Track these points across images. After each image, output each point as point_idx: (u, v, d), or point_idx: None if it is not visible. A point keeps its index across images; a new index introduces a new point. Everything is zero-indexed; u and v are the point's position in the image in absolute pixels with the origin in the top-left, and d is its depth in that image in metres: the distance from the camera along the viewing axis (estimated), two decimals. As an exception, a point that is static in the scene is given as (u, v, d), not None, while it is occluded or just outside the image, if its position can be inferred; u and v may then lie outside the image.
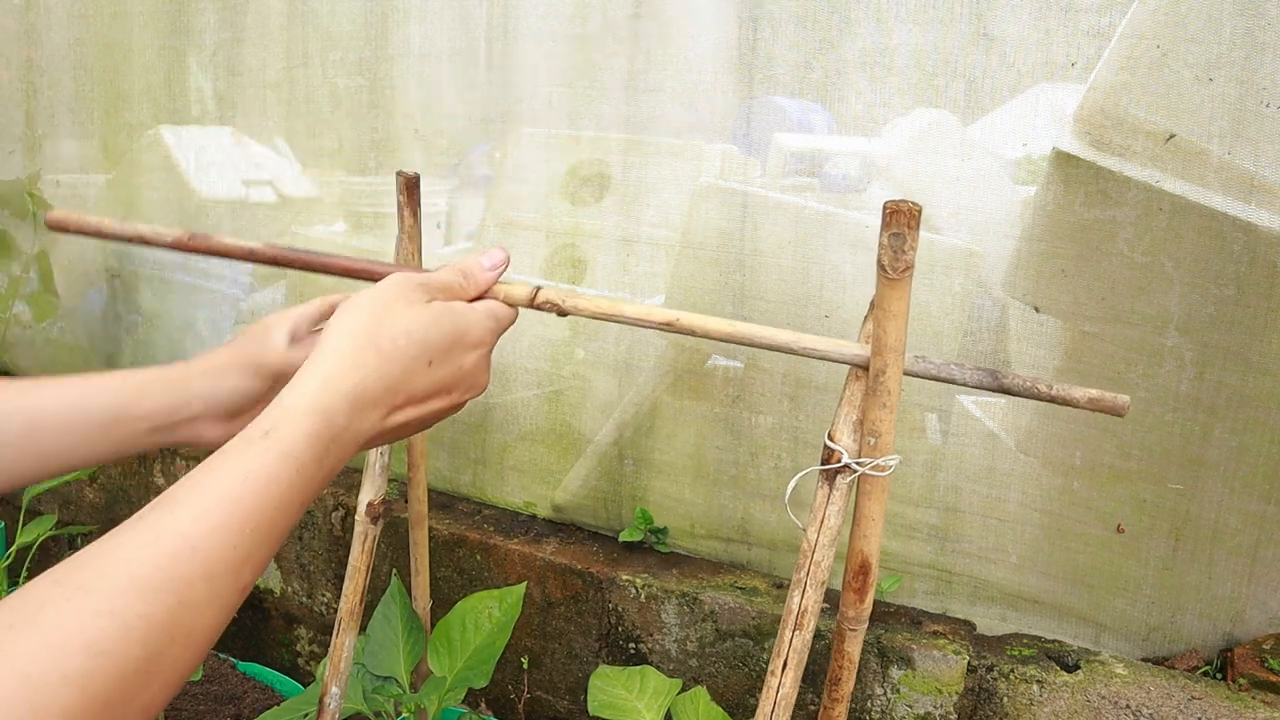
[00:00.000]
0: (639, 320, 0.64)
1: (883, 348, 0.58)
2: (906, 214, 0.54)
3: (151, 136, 1.48)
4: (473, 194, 1.23)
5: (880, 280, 0.56)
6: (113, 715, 0.38)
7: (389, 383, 0.53)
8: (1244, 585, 0.91)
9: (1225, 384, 0.87)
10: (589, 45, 1.09)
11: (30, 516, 1.48)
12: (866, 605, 0.65)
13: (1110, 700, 0.88)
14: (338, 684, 0.84)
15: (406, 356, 0.54)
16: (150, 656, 0.40)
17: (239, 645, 1.48)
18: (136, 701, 0.40)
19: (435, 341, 0.56)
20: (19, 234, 1.68)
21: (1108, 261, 0.88)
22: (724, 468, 1.12)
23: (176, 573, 0.42)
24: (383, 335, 0.54)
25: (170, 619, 0.41)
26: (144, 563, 0.42)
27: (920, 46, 0.92)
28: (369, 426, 0.53)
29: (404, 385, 0.54)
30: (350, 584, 0.84)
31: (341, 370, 0.52)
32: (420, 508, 0.91)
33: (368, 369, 0.52)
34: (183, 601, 0.42)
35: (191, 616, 0.42)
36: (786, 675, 0.65)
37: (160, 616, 0.41)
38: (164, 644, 0.41)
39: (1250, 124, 0.81)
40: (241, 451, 0.47)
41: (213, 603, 0.43)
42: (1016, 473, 0.97)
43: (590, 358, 1.18)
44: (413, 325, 0.55)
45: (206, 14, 1.37)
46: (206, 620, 0.43)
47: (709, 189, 1.05)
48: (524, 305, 0.66)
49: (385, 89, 1.24)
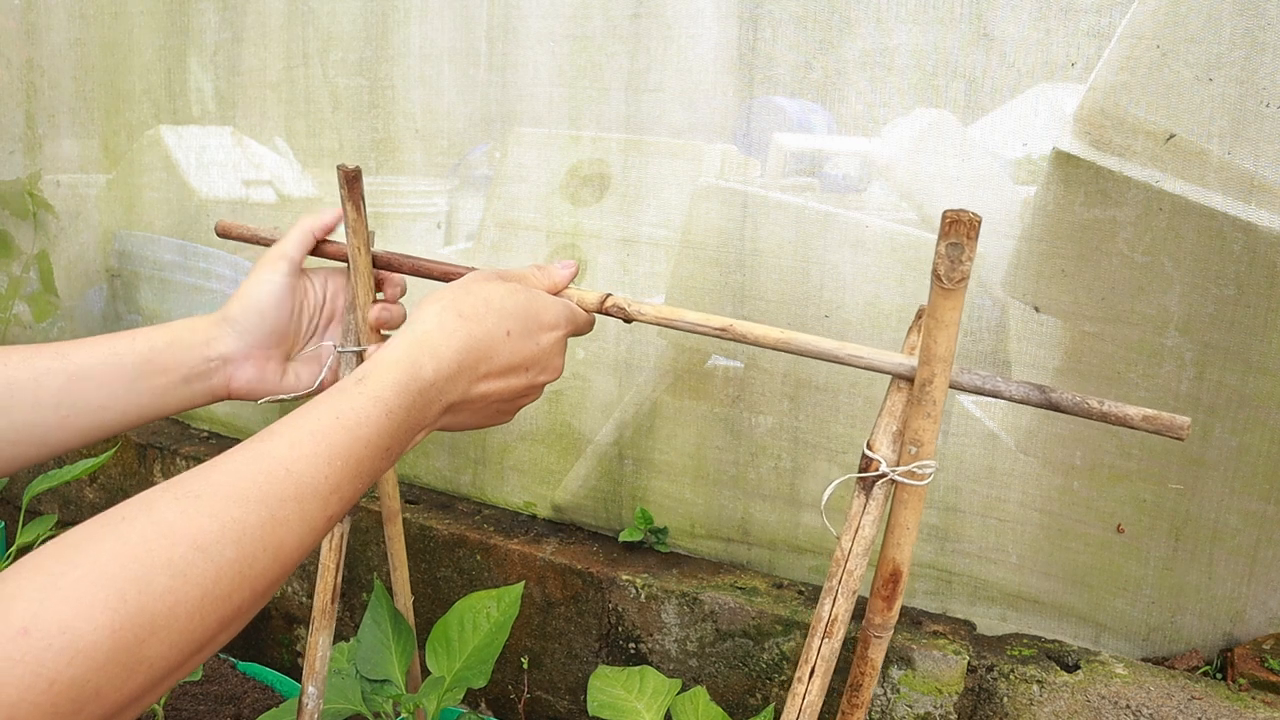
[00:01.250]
0: (697, 327, 0.67)
1: (931, 357, 0.57)
2: (966, 224, 0.53)
3: (151, 136, 1.48)
4: (473, 194, 1.23)
5: (934, 289, 0.55)
6: (208, 609, 0.42)
7: (470, 343, 0.59)
8: (1244, 585, 0.91)
9: (1225, 384, 0.87)
10: (590, 45, 1.09)
11: (30, 516, 1.49)
12: (893, 613, 0.65)
13: (1110, 700, 0.88)
14: (314, 684, 0.84)
15: (487, 321, 0.60)
16: (243, 559, 0.44)
17: (239, 645, 1.48)
18: (230, 601, 0.44)
19: (512, 310, 0.62)
20: (19, 234, 1.68)
21: (1108, 261, 0.88)
22: (724, 468, 1.12)
23: (271, 490, 0.47)
24: (464, 303, 0.60)
25: (263, 530, 0.46)
26: (243, 478, 0.46)
27: (920, 46, 0.92)
28: (456, 390, 0.58)
29: (485, 349, 0.60)
30: (320, 583, 0.84)
31: (426, 330, 0.58)
32: (391, 503, 0.90)
33: (450, 329, 0.58)
34: (274, 516, 0.46)
35: (282, 531, 0.47)
36: (814, 682, 0.64)
37: (254, 526, 0.45)
38: (256, 551, 0.45)
39: (1250, 124, 0.81)
40: (335, 395, 0.53)
41: (302, 523, 0.48)
42: (1016, 473, 0.97)
43: (590, 358, 1.18)
44: (491, 294, 0.61)
45: (207, 14, 1.37)
46: (295, 538, 0.47)
47: (709, 189, 1.05)
48: (594, 310, 0.72)
49: (386, 89, 1.24)
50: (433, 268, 0.80)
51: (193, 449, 1.48)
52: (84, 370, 0.66)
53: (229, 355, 0.74)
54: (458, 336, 0.58)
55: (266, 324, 0.75)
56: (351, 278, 0.80)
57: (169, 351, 0.70)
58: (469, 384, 0.59)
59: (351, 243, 0.78)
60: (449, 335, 0.58)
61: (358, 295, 0.80)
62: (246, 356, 0.75)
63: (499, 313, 0.61)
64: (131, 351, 0.68)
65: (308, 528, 0.48)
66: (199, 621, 0.42)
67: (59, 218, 1.63)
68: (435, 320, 0.59)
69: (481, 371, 0.60)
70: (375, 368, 0.55)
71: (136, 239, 1.55)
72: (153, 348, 0.69)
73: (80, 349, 0.67)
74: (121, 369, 0.67)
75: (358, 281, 0.79)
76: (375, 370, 0.54)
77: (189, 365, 0.71)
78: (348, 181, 0.76)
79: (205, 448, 1.49)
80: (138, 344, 0.69)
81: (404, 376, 0.54)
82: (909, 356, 0.62)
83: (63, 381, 0.65)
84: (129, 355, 0.68)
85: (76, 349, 0.67)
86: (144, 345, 0.69)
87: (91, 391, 0.66)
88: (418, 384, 0.55)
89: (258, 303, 0.75)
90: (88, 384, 0.66)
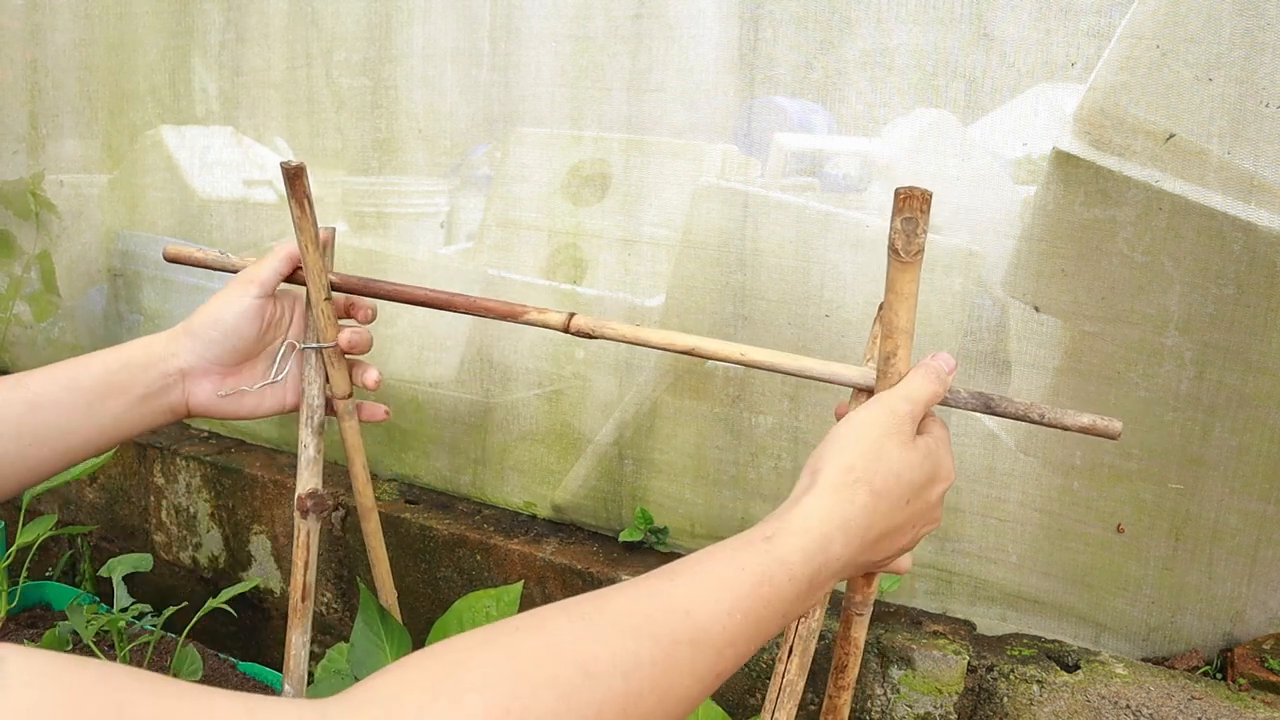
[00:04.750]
0: (665, 345, 0.69)
1: (894, 330, 0.59)
2: (919, 199, 0.55)
3: (153, 136, 1.48)
4: (474, 193, 1.24)
5: (892, 264, 0.57)
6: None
7: (873, 519, 0.55)
8: (1244, 585, 0.91)
9: (1225, 384, 0.87)
10: (592, 45, 1.09)
11: (30, 516, 1.49)
12: (873, 590, 0.67)
13: (1110, 700, 0.88)
14: (291, 682, 0.84)
15: (894, 496, 0.56)
16: (630, 694, 0.42)
17: (239, 645, 1.48)
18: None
19: (919, 483, 0.58)
20: (21, 233, 1.69)
21: (1108, 261, 0.88)
22: (724, 468, 1.12)
23: (668, 627, 0.44)
24: (876, 475, 0.55)
25: (654, 669, 0.43)
26: (640, 613, 0.44)
27: (920, 46, 0.92)
28: (851, 554, 0.55)
29: (887, 522, 0.57)
30: (292, 581, 0.84)
31: (838, 501, 0.54)
32: (365, 500, 0.90)
33: (859, 504, 0.54)
34: (668, 655, 0.44)
35: (673, 675, 0.44)
36: (793, 662, 0.65)
37: (646, 662, 0.43)
38: (643, 689, 0.42)
39: (1250, 124, 0.82)
40: (742, 548, 0.51)
41: (693, 669, 0.45)
42: (1016, 473, 0.97)
43: (590, 357, 1.18)
44: (903, 469, 0.57)
45: (211, 14, 1.38)
46: (685, 684, 0.44)
47: (710, 189, 1.06)
48: (558, 329, 0.73)
49: (389, 89, 1.25)
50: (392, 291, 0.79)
51: (193, 449, 1.48)
52: (42, 398, 0.65)
53: (187, 369, 0.73)
54: (863, 512, 0.55)
55: (229, 341, 0.74)
56: (305, 275, 0.79)
57: (125, 371, 0.69)
58: (866, 547, 0.56)
59: (300, 240, 0.78)
60: (856, 509, 0.54)
61: (311, 293, 0.79)
62: (205, 372, 0.74)
63: (909, 486, 0.57)
64: (89, 375, 0.67)
65: (698, 675, 0.45)
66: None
67: (61, 217, 1.63)
68: (847, 490, 0.55)
69: (875, 537, 0.57)
70: (785, 529, 0.52)
71: (139, 239, 1.55)
72: (108, 369, 0.69)
73: (38, 377, 0.66)
74: (80, 393, 0.67)
75: (309, 279, 0.79)
76: (785, 532, 0.52)
77: (145, 383, 0.70)
78: (290, 179, 0.76)
79: (205, 447, 1.49)
80: (94, 367, 0.68)
81: (812, 546, 0.52)
82: (866, 368, 0.63)
83: (21, 411, 0.64)
84: (86, 379, 0.67)
85: (35, 377, 0.66)
86: (100, 367, 0.68)
87: (51, 419, 0.65)
88: (824, 555, 0.53)
89: (221, 320, 0.74)
90: (47, 412, 0.65)
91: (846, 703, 0.69)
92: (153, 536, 1.55)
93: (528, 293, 1.19)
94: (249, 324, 0.75)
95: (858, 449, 0.56)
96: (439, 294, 0.77)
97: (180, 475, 1.48)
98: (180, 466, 1.48)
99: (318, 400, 0.82)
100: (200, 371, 0.74)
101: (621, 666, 0.42)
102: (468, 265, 1.25)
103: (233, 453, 1.48)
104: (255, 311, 0.75)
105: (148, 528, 1.55)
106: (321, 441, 0.83)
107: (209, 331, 0.74)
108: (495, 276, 1.22)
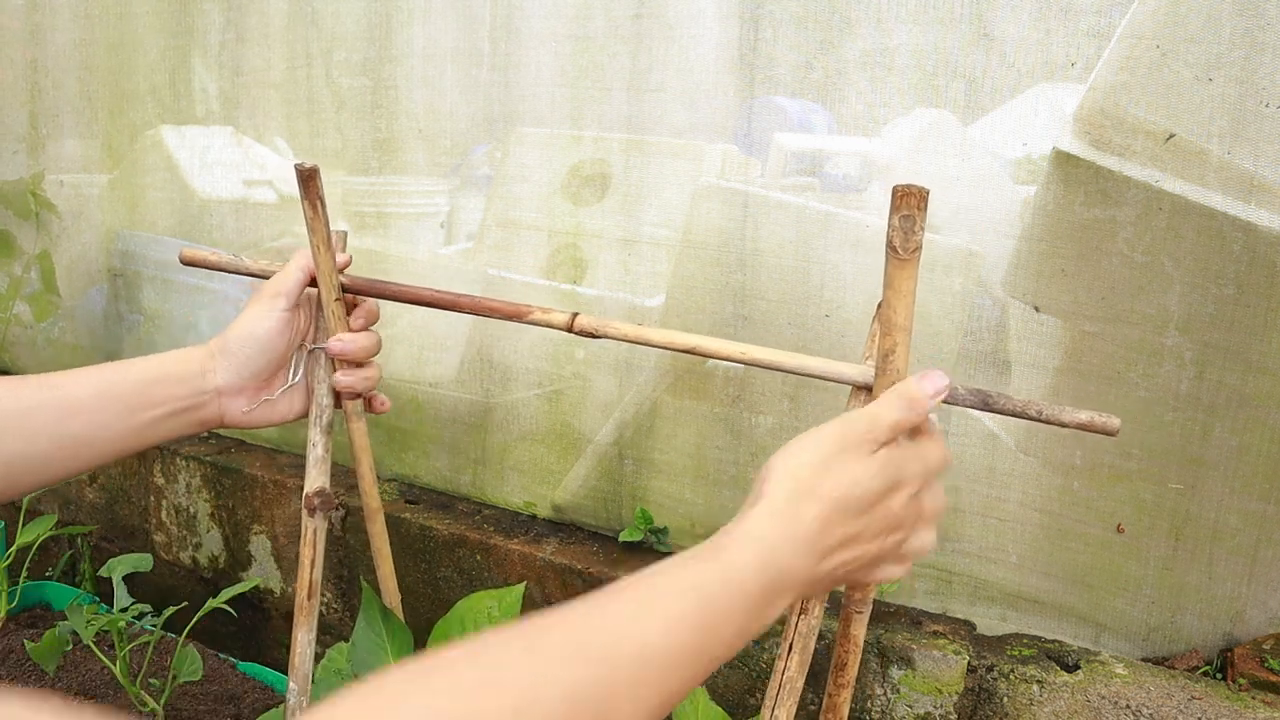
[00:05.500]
0: (667, 344, 0.69)
1: (892, 327, 0.59)
2: (916, 196, 0.56)
3: (153, 136, 1.48)
4: (474, 193, 1.24)
5: (890, 261, 0.57)
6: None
7: (825, 527, 0.54)
8: (1244, 585, 0.91)
9: (1225, 384, 0.87)
10: (592, 45, 1.09)
11: (30, 516, 1.49)
12: (872, 589, 0.67)
13: (1110, 700, 0.88)
14: (296, 680, 0.84)
15: (847, 504, 0.55)
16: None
17: (239, 645, 1.48)
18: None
19: (877, 490, 0.56)
20: (21, 233, 1.69)
21: (1108, 261, 0.89)
22: (724, 468, 1.12)
23: (613, 650, 0.45)
24: (824, 484, 0.54)
25: (598, 689, 0.43)
26: (581, 638, 0.44)
27: (920, 46, 0.92)
28: (808, 565, 0.54)
29: (843, 530, 0.55)
30: (298, 579, 0.85)
31: (785, 511, 0.53)
32: (371, 501, 0.91)
33: (808, 514, 0.53)
34: (611, 677, 0.44)
35: (618, 698, 0.44)
36: (793, 659, 0.65)
37: (589, 687, 0.43)
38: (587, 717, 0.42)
39: (1250, 124, 0.82)
40: (689, 563, 0.50)
41: (638, 691, 0.45)
42: (1016, 473, 0.97)
43: (590, 357, 1.18)
44: (859, 476, 0.55)
45: (211, 14, 1.38)
46: (630, 707, 0.44)
47: (710, 189, 1.06)
48: (563, 329, 0.73)
49: (389, 89, 1.25)
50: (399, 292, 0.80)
51: (193, 449, 1.48)
52: (75, 403, 0.65)
53: (223, 388, 0.74)
54: (818, 524, 0.54)
55: (264, 356, 0.75)
56: (317, 276, 0.80)
57: (161, 385, 0.70)
58: (819, 560, 0.55)
59: (312, 241, 0.78)
60: (811, 521, 0.54)
61: (322, 293, 0.80)
62: (240, 389, 0.75)
63: (866, 493, 0.55)
64: (124, 383, 0.68)
65: (642, 698, 0.45)
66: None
67: (61, 217, 1.64)
68: (796, 502, 0.54)
69: (833, 546, 0.55)
70: (732, 544, 0.52)
71: (139, 239, 1.55)
72: (144, 380, 0.69)
73: (70, 380, 0.66)
74: (113, 401, 0.67)
75: (321, 280, 0.79)
76: (732, 546, 0.52)
77: (181, 398, 0.71)
78: (304, 180, 0.76)
79: (205, 447, 1.49)
80: (130, 376, 0.68)
81: (761, 559, 0.52)
82: (864, 366, 0.63)
83: (54, 414, 0.64)
84: (121, 386, 0.67)
85: (66, 380, 0.66)
86: (136, 378, 0.68)
87: (83, 424, 0.65)
88: (774, 568, 0.52)
89: (255, 336, 0.75)
90: (80, 418, 0.65)
91: (846, 701, 0.69)
92: (153, 536, 1.55)
93: (528, 293, 1.19)
94: (280, 337, 0.77)
95: (806, 459, 0.55)
96: (445, 294, 0.78)
97: (180, 475, 1.48)
98: (180, 466, 1.48)
99: (326, 400, 0.83)
100: (235, 389, 0.75)
101: (565, 694, 0.42)
102: (468, 265, 1.25)
103: (233, 453, 1.48)
104: (286, 324, 0.77)
105: (148, 528, 1.55)
106: (330, 441, 0.84)
107: (245, 349, 0.75)
108: (495, 276, 1.22)
